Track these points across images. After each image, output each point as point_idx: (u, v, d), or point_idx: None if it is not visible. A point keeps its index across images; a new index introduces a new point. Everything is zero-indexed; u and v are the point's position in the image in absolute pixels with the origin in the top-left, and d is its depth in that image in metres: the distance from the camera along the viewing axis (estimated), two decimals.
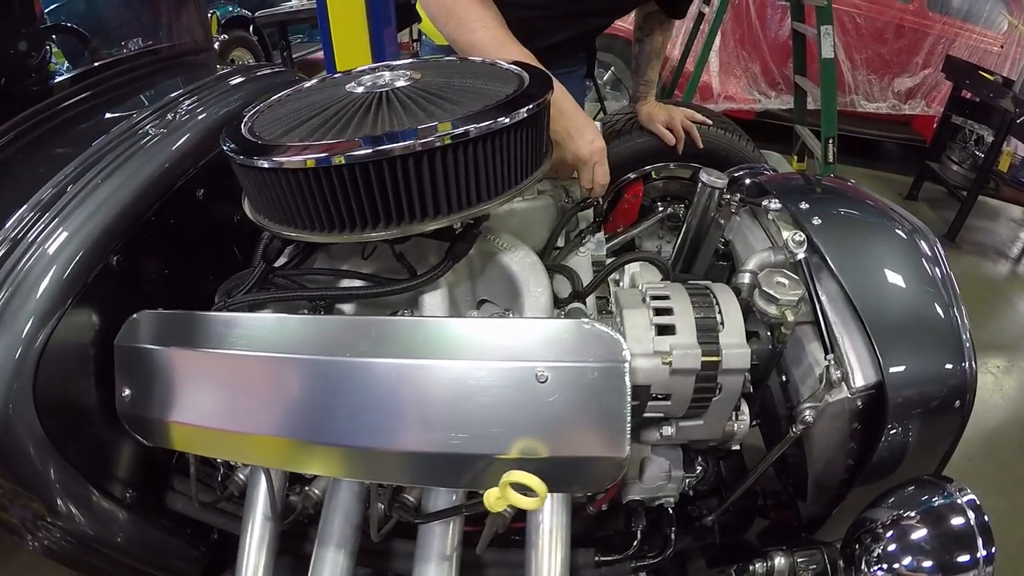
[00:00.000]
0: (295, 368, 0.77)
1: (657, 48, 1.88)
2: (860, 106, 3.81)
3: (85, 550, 0.95)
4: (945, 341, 0.97)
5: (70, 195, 1.01)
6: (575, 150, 1.13)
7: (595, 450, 0.71)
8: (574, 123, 1.15)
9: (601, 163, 1.16)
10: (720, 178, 1.20)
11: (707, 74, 3.99)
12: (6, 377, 0.81)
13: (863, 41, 3.66)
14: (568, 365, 0.70)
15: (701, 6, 3.66)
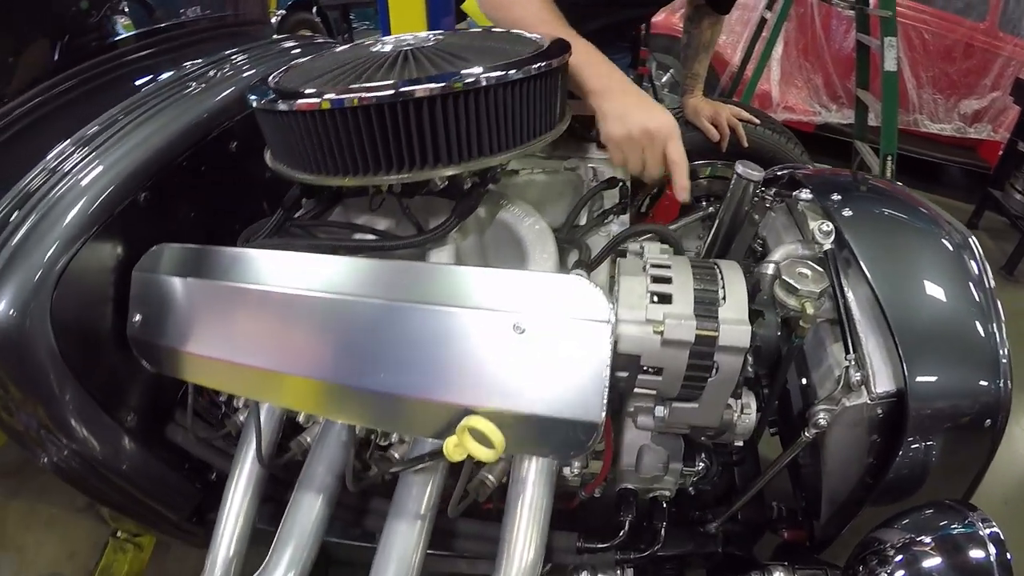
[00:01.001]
0: (282, 303, 0.80)
1: (706, 42, 1.85)
2: (923, 126, 3.64)
3: (88, 469, 0.99)
4: (979, 355, 0.90)
5: (109, 133, 1.06)
6: (642, 122, 1.01)
7: (568, 411, 0.69)
8: (639, 98, 1.06)
9: (672, 139, 1.03)
10: (756, 171, 1.15)
11: (767, 83, 3.89)
12: (25, 294, 0.85)
13: (930, 58, 3.50)
14: (547, 317, 0.68)
15: (763, 11, 3.58)
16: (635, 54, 1.98)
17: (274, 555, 0.85)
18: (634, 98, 1.05)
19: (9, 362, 0.86)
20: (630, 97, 1.05)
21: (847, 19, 3.46)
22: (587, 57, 1.06)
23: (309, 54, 1.50)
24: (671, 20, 4.07)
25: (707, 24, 1.82)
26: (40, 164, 1.00)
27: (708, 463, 1.03)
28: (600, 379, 0.68)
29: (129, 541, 1.53)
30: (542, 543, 0.82)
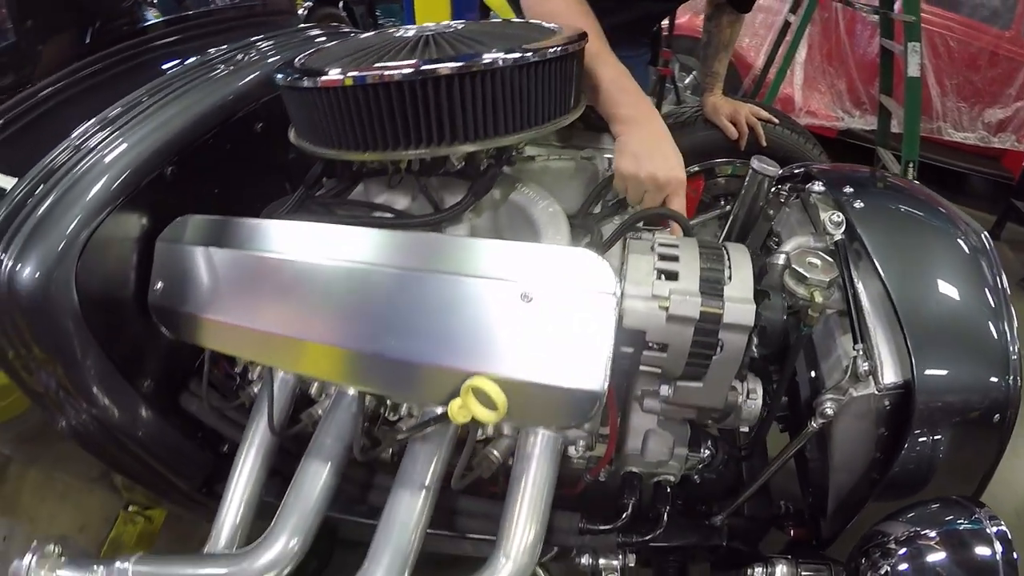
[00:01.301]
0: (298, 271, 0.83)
1: (725, 41, 1.86)
2: (947, 134, 3.59)
3: (104, 434, 1.02)
4: (988, 350, 0.89)
5: (135, 112, 1.10)
6: (652, 170, 1.01)
7: (570, 380, 0.70)
8: (658, 140, 1.05)
9: (676, 195, 1.03)
10: (772, 166, 1.15)
11: (790, 87, 3.86)
12: (50, 261, 0.89)
13: (955, 66, 3.45)
14: (554, 288, 0.70)
15: (787, 15, 3.56)
16: (655, 52, 1.98)
17: (279, 521, 0.87)
18: (655, 139, 1.04)
19: (33, 323, 0.89)
20: (651, 137, 1.04)
21: (872, 24, 3.43)
22: (617, 81, 1.06)
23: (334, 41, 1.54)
24: (695, 22, 4.06)
25: (727, 23, 1.83)
26: (66, 141, 1.04)
27: (713, 450, 1.03)
28: (604, 349, 0.69)
29: (140, 514, 1.57)
30: (544, 521, 0.83)
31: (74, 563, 0.92)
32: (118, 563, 0.89)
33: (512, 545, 0.81)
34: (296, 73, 0.88)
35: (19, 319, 0.89)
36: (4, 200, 0.95)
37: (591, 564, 1.00)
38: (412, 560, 0.81)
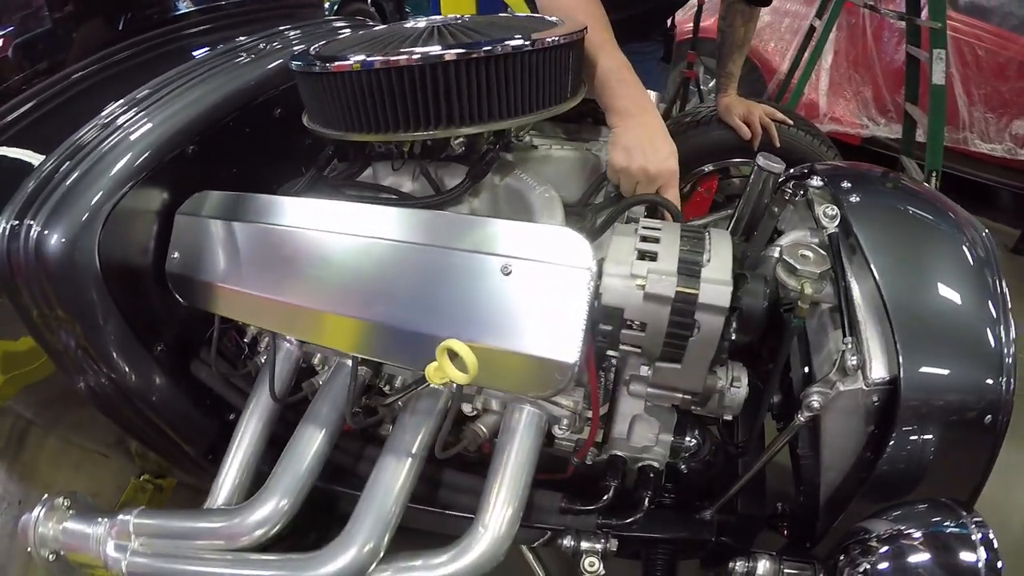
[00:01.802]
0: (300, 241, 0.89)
1: (739, 40, 1.87)
2: (973, 145, 3.51)
3: (119, 396, 1.07)
4: (980, 350, 0.87)
5: (161, 94, 1.16)
6: (643, 163, 1.02)
7: (544, 350, 0.73)
8: (651, 133, 1.05)
9: (669, 187, 1.05)
10: (777, 163, 1.13)
11: (815, 92, 3.83)
12: (75, 229, 0.95)
13: (983, 75, 3.37)
14: (533, 262, 0.73)
15: (813, 20, 3.54)
16: (667, 49, 1.99)
17: (271, 482, 0.92)
18: (647, 132, 1.05)
19: (57, 286, 0.95)
20: (644, 130, 1.05)
21: (899, 31, 3.39)
22: (618, 73, 1.07)
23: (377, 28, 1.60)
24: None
25: (740, 22, 1.83)
26: (94, 120, 1.10)
27: (700, 440, 1.03)
28: (577, 322, 0.71)
29: (150, 482, 1.64)
30: (524, 495, 0.86)
31: (80, 516, 0.98)
32: (121, 515, 0.95)
33: (491, 516, 0.84)
34: (309, 60, 0.93)
35: (44, 282, 0.95)
36: (34, 173, 1.01)
37: (573, 546, 1.00)
38: (394, 524, 0.85)
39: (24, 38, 1.38)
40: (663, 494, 1.13)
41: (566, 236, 0.74)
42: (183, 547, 0.90)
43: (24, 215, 0.95)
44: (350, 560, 0.81)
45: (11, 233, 0.94)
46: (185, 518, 0.93)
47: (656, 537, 1.07)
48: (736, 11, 1.82)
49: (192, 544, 0.90)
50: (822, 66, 3.73)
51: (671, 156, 1.05)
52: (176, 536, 0.91)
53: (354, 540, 0.82)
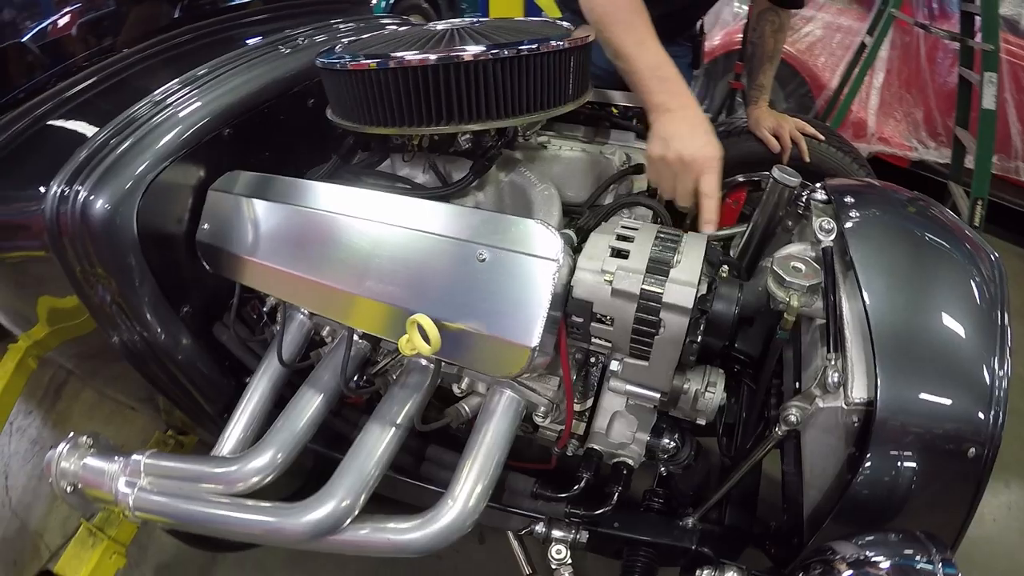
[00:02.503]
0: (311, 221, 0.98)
1: (769, 51, 1.83)
2: None
3: (148, 352, 1.17)
4: (968, 379, 0.83)
5: (204, 80, 1.27)
6: (679, 149, 1.00)
7: (508, 332, 0.79)
8: (692, 125, 1.02)
9: (707, 172, 1.01)
10: (793, 177, 1.11)
11: (863, 110, 3.73)
12: (118, 196, 1.05)
13: None
14: (506, 251, 0.79)
15: (864, 36, 3.47)
16: (696, 53, 1.98)
17: (268, 436, 1.01)
18: (687, 123, 1.03)
19: (98, 247, 1.06)
20: (683, 122, 1.03)
21: (953, 52, 3.29)
22: (659, 70, 1.06)
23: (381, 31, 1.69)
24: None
25: (770, 31, 1.79)
26: (145, 98, 1.22)
27: (679, 444, 1.03)
28: (540, 309, 0.76)
29: (173, 438, 1.76)
30: (495, 472, 0.91)
31: (99, 454, 1.09)
32: (134, 455, 1.05)
33: (461, 490, 0.89)
34: (332, 57, 1.01)
35: (87, 243, 1.06)
36: (87, 143, 1.13)
37: (544, 533, 1.03)
38: (371, 486, 0.92)
39: (89, 17, 1.52)
40: (653, 498, 1.14)
41: (537, 229, 0.79)
42: (186, 488, 1.00)
43: (74, 181, 1.07)
44: (327, 513, 0.88)
45: (61, 197, 1.06)
46: (190, 462, 1.02)
47: (636, 538, 1.07)
48: (766, 20, 1.79)
49: (194, 486, 1.00)
50: (873, 84, 3.64)
51: (709, 144, 1.02)
52: (181, 478, 1.01)
53: (332, 496, 0.89)
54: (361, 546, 0.90)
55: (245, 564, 1.76)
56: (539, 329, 0.77)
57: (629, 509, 1.11)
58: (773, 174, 1.12)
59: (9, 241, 1.23)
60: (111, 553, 1.42)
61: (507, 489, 1.05)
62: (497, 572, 1.68)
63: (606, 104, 1.43)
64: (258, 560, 1.75)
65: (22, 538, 2.00)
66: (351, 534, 0.90)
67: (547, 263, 0.77)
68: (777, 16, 1.78)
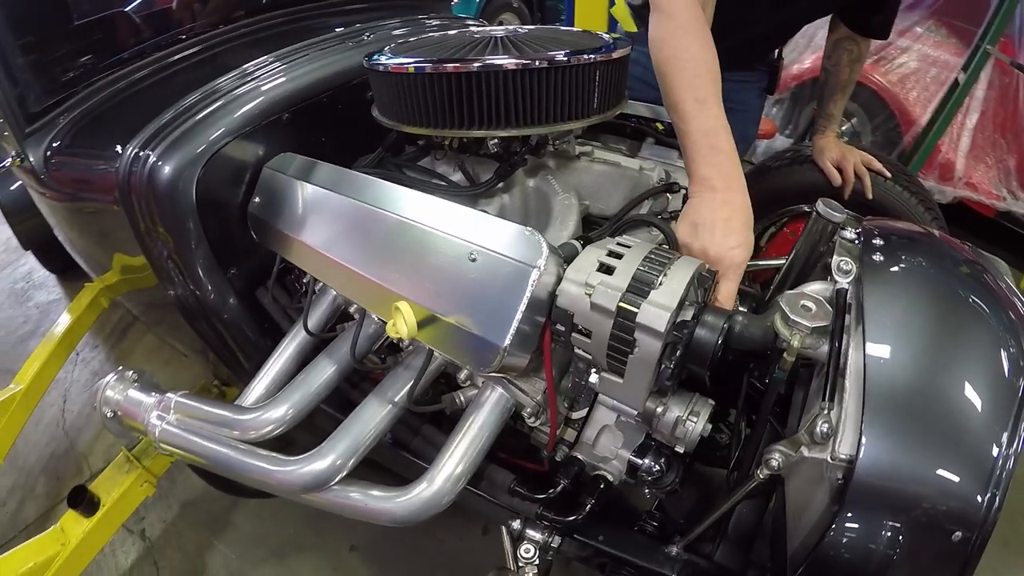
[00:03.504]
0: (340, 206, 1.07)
1: (843, 81, 1.79)
2: None
3: (197, 307, 1.30)
4: (969, 454, 0.75)
5: (277, 64, 1.40)
6: (705, 245, 0.94)
7: (484, 330, 0.83)
8: (727, 214, 0.95)
9: (726, 278, 0.95)
10: (838, 212, 1.04)
11: (953, 152, 3.53)
12: (184, 163, 1.18)
13: None
14: (494, 254, 0.83)
15: (959, 73, 3.29)
16: (772, 80, 1.90)
17: (283, 393, 1.11)
18: (724, 213, 0.95)
19: (160, 207, 1.19)
20: (722, 208, 0.95)
21: None
22: (713, 137, 0.98)
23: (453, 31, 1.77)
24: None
25: (846, 61, 1.74)
26: (222, 77, 1.36)
27: (664, 469, 0.99)
28: (514, 310, 0.80)
29: (218, 387, 1.92)
30: (474, 460, 0.95)
31: (141, 388, 1.22)
32: (169, 394, 1.18)
33: (439, 473, 0.94)
34: (377, 58, 1.09)
35: (152, 203, 1.19)
36: (165, 112, 1.27)
37: (518, 530, 1.04)
38: (361, 452, 1.00)
39: None
40: (649, 520, 1.13)
41: (527, 236, 0.83)
42: (206, 429, 1.11)
43: (147, 146, 1.20)
44: (319, 470, 0.97)
45: (134, 158, 1.20)
46: (214, 407, 1.14)
47: (618, 556, 1.07)
48: (843, 49, 1.73)
49: (214, 428, 1.11)
50: (965, 125, 3.45)
51: (740, 246, 0.95)
52: (203, 419, 1.13)
53: (326, 455, 0.98)
54: (343, 506, 0.98)
55: (263, 512, 1.91)
56: (511, 330, 0.80)
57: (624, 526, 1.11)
58: (817, 207, 1.06)
59: (90, 192, 1.39)
60: (142, 481, 1.58)
61: (488, 480, 1.09)
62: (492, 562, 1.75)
63: (653, 120, 1.46)
64: (275, 511, 1.89)
65: (69, 457, 2.24)
66: (336, 494, 0.98)
67: (527, 269, 0.81)
68: (856, 46, 1.72)
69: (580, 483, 1.04)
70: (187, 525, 1.91)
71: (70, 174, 1.45)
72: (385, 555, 1.76)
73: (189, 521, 1.92)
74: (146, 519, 1.94)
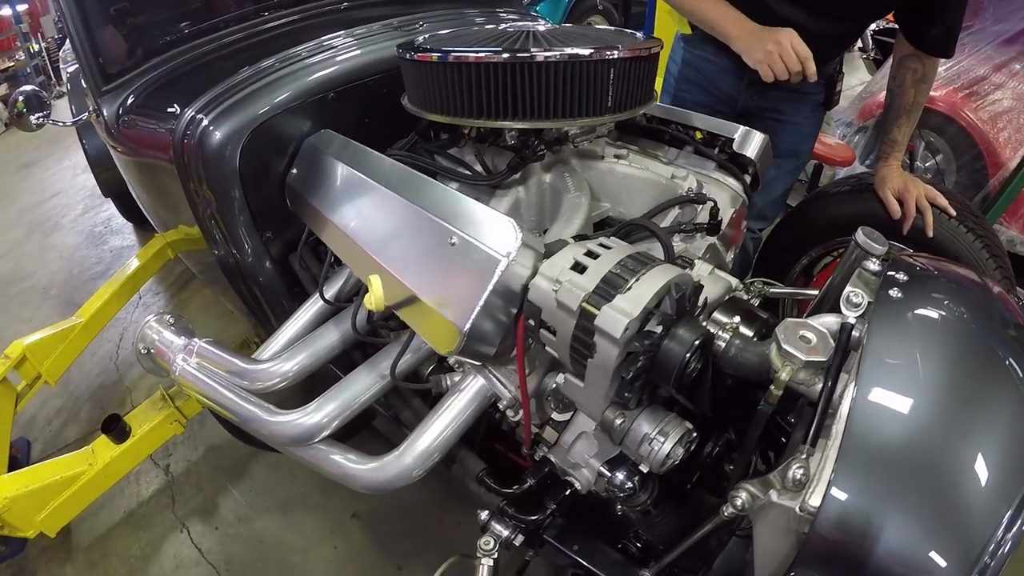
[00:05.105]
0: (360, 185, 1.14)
1: (907, 104, 1.67)
2: None
3: (237, 268, 1.40)
4: (951, 530, 0.65)
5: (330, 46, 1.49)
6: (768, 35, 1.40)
7: (447, 311, 0.85)
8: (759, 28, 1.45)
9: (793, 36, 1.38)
10: (879, 244, 0.97)
11: None
12: (232, 132, 1.26)
13: None
14: (471, 241, 0.85)
15: None
16: (829, 94, 1.81)
17: (289, 351, 1.19)
18: (757, 29, 1.44)
19: (208, 168, 1.29)
20: (755, 30, 1.44)
21: None
22: (721, 13, 1.51)
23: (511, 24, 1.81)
24: (954, 98, 3.64)
25: (910, 82, 1.64)
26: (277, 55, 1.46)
27: (636, 487, 0.96)
28: (476, 297, 0.81)
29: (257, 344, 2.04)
30: (446, 441, 0.99)
31: (174, 331, 1.33)
32: (195, 339, 1.28)
33: (409, 447, 0.98)
34: (407, 47, 1.14)
35: (200, 164, 1.30)
36: (224, 81, 1.37)
37: (483, 521, 1.05)
38: (346, 416, 1.06)
39: None
40: (635, 540, 1.12)
41: (505, 226, 0.84)
42: (219, 375, 1.21)
43: (203, 110, 1.31)
44: (306, 426, 1.04)
45: (190, 120, 1.30)
46: (231, 356, 1.23)
47: (588, 568, 1.07)
48: (907, 68, 1.63)
49: (226, 375, 1.20)
50: None
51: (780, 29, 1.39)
52: (218, 366, 1.22)
53: (313, 414, 1.05)
54: (320, 464, 1.04)
55: (280, 467, 2.02)
56: (473, 315, 0.81)
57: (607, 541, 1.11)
58: (856, 237, 0.99)
59: (151, 149, 1.52)
60: (172, 420, 1.72)
61: (461, 465, 1.12)
62: None
63: (692, 127, 1.44)
64: (290, 468, 2.00)
65: (115, 389, 2.44)
66: (317, 451, 1.05)
67: (496, 258, 0.81)
68: (921, 64, 1.61)
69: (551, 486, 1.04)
70: (208, 467, 2.06)
71: (136, 131, 1.59)
72: (383, 527, 1.84)
73: (211, 464, 2.07)
74: (172, 456, 2.11)
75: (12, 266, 3.58)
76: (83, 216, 4.10)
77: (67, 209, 4.27)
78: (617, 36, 1.17)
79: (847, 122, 4.21)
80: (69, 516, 1.67)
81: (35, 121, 1.71)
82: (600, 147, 1.35)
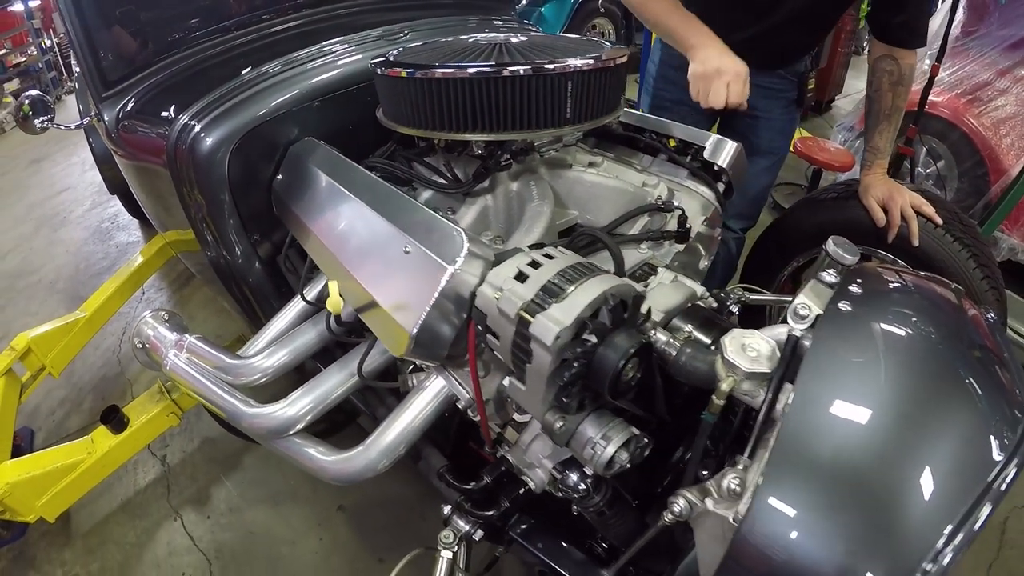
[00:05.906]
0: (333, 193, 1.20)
1: (887, 109, 1.64)
2: None
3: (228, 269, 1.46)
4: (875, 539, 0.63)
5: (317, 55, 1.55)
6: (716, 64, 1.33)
7: (400, 316, 0.91)
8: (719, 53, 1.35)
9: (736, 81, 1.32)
10: (850, 254, 0.94)
11: None
12: (222, 137, 1.33)
13: None
14: (422, 250, 0.91)
15: None
16: (800, 92, 1.82)
17: (273, 347, 1.26)
18: (715, 52, 1.37)
19: (198, 174, 1.36)
20: (712, 49, 1.37)
21: None
22: (684, 24, 1.45)
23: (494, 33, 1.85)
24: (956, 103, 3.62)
25: (887, 84, 1.61)
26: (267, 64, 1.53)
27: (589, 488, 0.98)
28: (423, 303, 0.86)
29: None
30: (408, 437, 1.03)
31: (168, 327, 1.40)
32: (186, 335, 1.35)
33: (374, 442, 1.04)
34: (378, 61, 1.19)
35: (191, 169, 1.36)
36: (218, 89, 1.43)
37: (447, 515, 1.10)
38: (320, 410, 1.13)
39: None
40: (599, 541, 1.14)
41: (455, 236, 0.90)
42: (205, 370, 1.28)
43: (195, 117, 1.37)
44: (282, 419, 1.11)
45: (184, 127, 1.37)
46: (218, 352, 1.30)
47: (551, 566, 1.11)
48: (883, 72, 1.61)
49: (211, 370, 1.27)
50: None
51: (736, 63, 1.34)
52: (205, 360, 1.29)
53: (287, 408, 1.11)
54: (295, 456, 1.11)
55: (271, 460, 2.10)
56: (420, 321, 0.87)
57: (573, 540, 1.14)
58: (827, 247, 0.96)
59: (147, 153, 1.59)
60: (169, 412, 1.79)
61: (425, 461, 1.18)
62: None
63: (665, 135, 1.46)
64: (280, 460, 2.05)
65: (117, 382, 2.53)
66: (291, 444, 1.11)
67: (443, 267, 0.87)
68: (896, 65, 1.59)
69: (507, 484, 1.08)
70: (203, 459, 2.14)
71: (135, 136, 1.67)
72: (368, 520, 1.91)
73: (205, 455, 2.15)
74: (169, 447, 2.19)
75: (20, 260, 3.68)
76: (90, 212, 4.21)
77: (75, 204, 4.38)
78: (586, 46, 1.21)
79: (848, 127, 4.21)
80: (68, 502, 1.75)
81: (39, 125, 1.78)
82: (571, 156, 1.39)
